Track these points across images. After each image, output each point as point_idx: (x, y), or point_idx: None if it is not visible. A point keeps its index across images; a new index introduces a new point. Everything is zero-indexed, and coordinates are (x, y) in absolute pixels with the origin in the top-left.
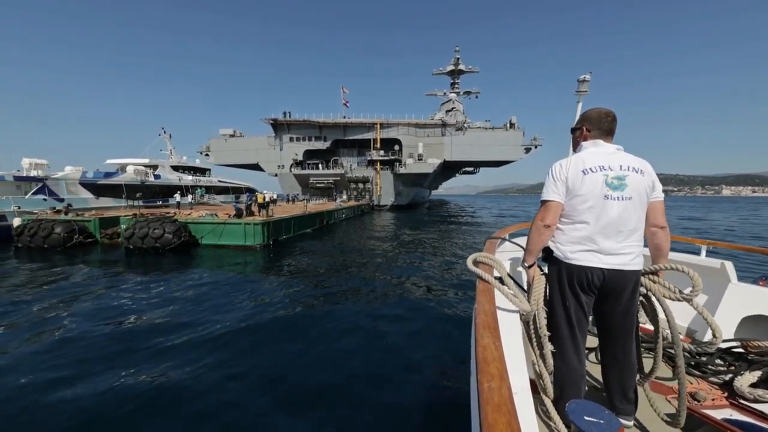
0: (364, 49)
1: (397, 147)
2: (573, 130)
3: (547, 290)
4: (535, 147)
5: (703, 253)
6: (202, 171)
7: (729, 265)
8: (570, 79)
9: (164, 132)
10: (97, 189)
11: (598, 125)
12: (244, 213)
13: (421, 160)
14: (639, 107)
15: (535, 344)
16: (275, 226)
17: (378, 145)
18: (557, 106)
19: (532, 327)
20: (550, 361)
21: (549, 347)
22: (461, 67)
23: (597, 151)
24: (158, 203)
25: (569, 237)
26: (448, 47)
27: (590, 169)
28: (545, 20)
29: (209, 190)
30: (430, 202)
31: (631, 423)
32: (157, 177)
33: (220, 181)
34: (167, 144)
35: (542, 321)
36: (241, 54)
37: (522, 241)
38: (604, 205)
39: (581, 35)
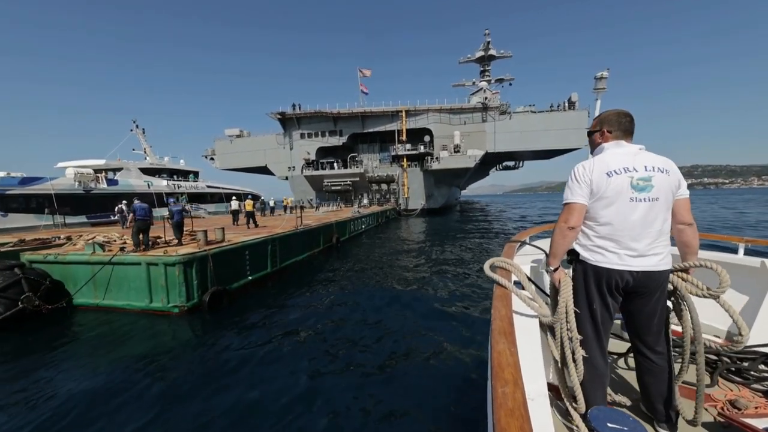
0: (374, 46)
1: (427, 138)
2: (590, 133)
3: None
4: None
5: (741, 251)
6: (185, 174)
7: None
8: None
9: (136, 126)
10: (6, 202)
11: (618, 126)
12: (180, 235)
13: (458, 152)
14: (681, 95)
15: (566, 349)
16: (220, 264)
17: (404, 137)
18: (620, 89)
19: (561, 331)
20: (581, 366)
21: (581, 352)
22: (492, 52)
23: (620, 152)
24: (112, 218)
25: (595, 240)
26: (461, 42)
27: (615, 171)
28: None
29: (198, 198)
30: (460, 203)
31: None
32: (112, 183)
33: (209, 186)
34: (141, 141)
35: (573, 325)
36: (258, 61)
37: (542, 243)
38: (629, 207)
39: (617, 20)
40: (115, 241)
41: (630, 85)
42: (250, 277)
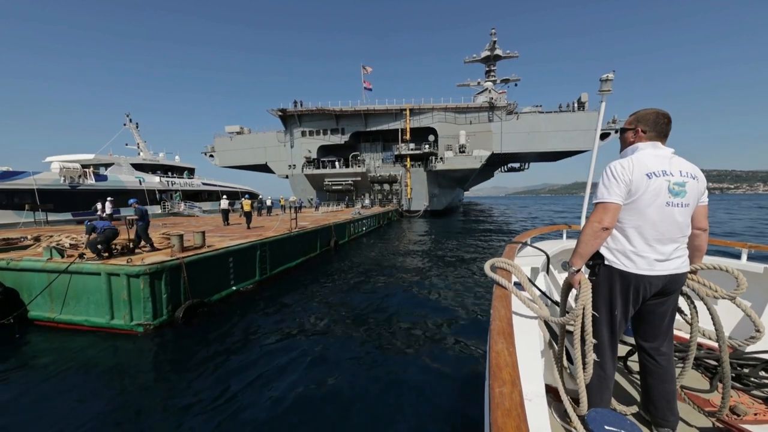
0: (377, 46)
1: (431, 138)
2: (623, 131)
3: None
4: (615, 132)
5: (744, 257)
6: (180, 171)
7: None
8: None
9: (130, 121)
10: None
11: (655, 127)
12: (129, 244)
13: (464, 152)
14: (685, 98)
15: (578, 352)
16: (198, 273)
17: (408, 137)
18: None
19: (575, 334)
20: (591, 370)
21: (593, 357)
22: (498, 51)
23: (657, 154)
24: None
25: (624, 243)
26: (465, 43)
27: (654, 173)
28: None
29: (193, 196)
30: (463, 205)
31: None
32: (100, 178)
33: (205, 184)
34: (135, 136)
35: (589, 329)
36: (266, 62)
37: (543, 245)
38: (665, 211)
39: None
40: (83, 244)
41: (634, 88)
42: (234, 288)
